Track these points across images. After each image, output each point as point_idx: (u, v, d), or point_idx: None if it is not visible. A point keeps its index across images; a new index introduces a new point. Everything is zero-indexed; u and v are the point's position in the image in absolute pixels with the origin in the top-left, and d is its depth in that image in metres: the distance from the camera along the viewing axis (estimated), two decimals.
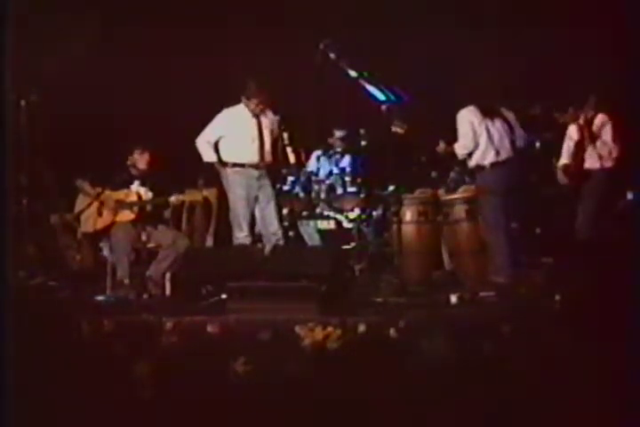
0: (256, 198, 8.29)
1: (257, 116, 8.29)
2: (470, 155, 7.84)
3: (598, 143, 7.84)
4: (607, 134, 7.83)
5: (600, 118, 7.86)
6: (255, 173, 8.29)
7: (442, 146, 7.96)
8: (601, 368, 3.57)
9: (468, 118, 7.79)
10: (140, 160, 8.48)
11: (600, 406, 3.40)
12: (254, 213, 8.31)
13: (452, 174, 8.67)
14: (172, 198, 8.33)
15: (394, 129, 7.91)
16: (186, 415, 3.38)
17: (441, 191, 8.62)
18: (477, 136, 7.78)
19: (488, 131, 7.79)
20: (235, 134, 8.29)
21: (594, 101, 7.82)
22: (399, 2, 9.58)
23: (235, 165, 8.29)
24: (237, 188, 8.26)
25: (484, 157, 7.79)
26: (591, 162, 7.88)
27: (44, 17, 9.21)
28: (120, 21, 9.67)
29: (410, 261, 8.31)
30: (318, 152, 9.44)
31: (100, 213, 8.33)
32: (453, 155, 7.94)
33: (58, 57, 9.24)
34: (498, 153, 7.80)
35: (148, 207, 8.39)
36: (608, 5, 8.51)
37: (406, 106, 8.14)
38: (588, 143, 7.84)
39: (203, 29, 9.68)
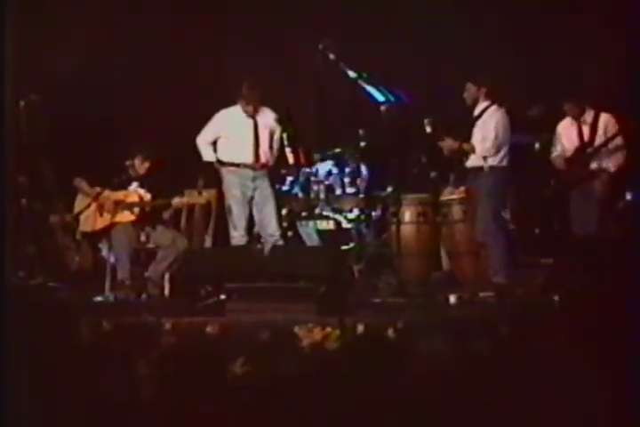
0: (251, 199, 8.28)
1: (253, 116, 8.28)
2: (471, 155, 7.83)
3: (600, 143, 7.83)
4: (609, 134, 7.82)
5: (603, 119, 7.85)
6: (250, 173, 8.26)
7: (449, 142, 7.88)
8: (600, 369, 3.57)
9: (501, 123, 7.75)
10: (140, 166, 8.47)
11: (599, 406, 3.40)
12: (252, 214, 8.31)
13: (452, 177, 8.66)
14: (175, 201, 8.34)
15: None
16: (184, 416, 3.38)
17: (440, 192, 8.61)
18: (502, 142, 7.74)
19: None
20: (230, 135, 8.27)
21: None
22: (399, 2, 9.58)
23: (230, 164, 8.29)
24: (232, 188, 8.26)
25: (495, 159, 7.75)
26: (594, 162, 7.87)
27: (44, 17, 9.23)
28: (120, 21, 9.67)
29: (409, 262, 8.32)
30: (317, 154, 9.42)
31: (100, 214, 8.32)
32: (460, 153, 7.88)
33: (57, 57, 9.25)
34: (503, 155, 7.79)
35: (148, 208, 8.38)
36: (608, 5, 8.52)
37: (405, 106, 8.14)
38: (590, 144, 7.84)
39: (202, 30, 9.69)
